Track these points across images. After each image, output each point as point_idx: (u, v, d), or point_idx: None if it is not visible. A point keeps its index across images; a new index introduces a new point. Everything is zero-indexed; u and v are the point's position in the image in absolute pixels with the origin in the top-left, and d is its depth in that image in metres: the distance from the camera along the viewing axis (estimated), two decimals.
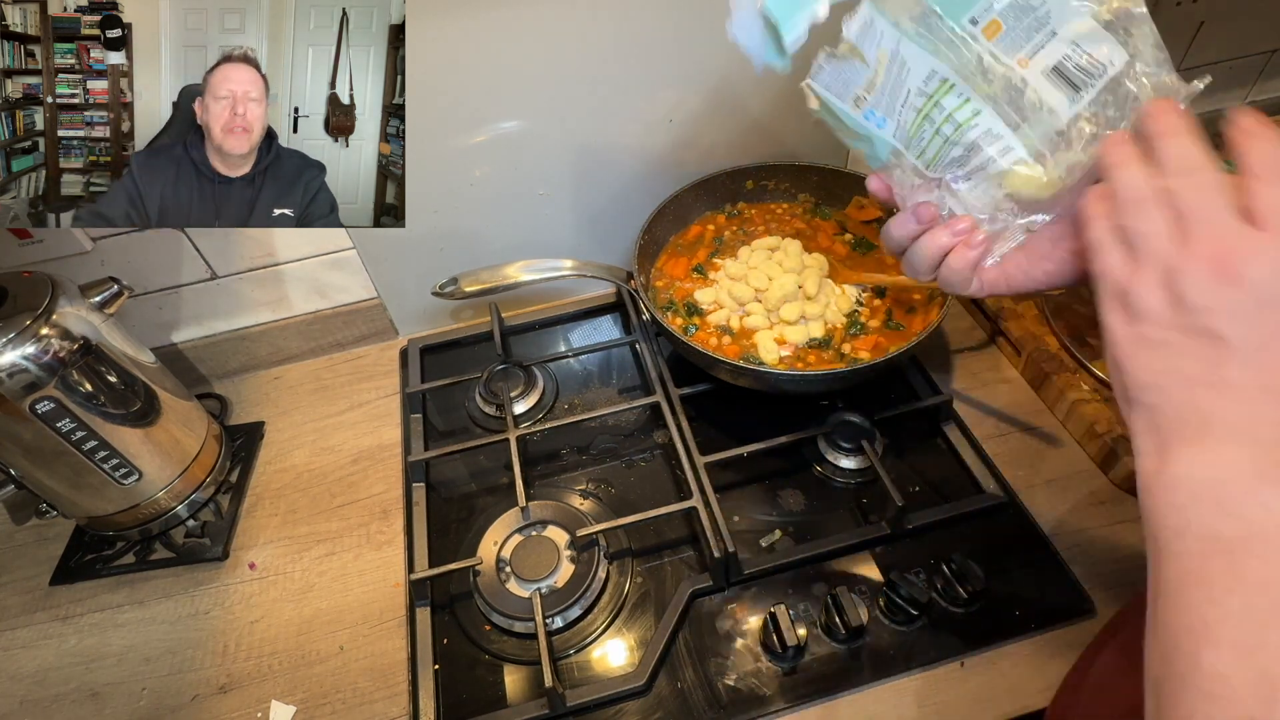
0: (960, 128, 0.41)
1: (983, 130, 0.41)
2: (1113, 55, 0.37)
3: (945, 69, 0.40)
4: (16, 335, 0.57)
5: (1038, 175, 0.40)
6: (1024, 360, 0.78)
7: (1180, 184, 0.33)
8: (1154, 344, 0.32)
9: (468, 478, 0.76)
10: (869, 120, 0.44)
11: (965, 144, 0.41)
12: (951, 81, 0.40)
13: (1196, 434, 0.31)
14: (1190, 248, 0.31)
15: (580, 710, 0.57)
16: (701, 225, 0.87)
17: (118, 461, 0.65)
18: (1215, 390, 0.31)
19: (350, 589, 0.67)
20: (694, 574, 0.65)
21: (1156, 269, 0.32)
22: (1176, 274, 0.31)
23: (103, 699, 0.61)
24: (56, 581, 0.69)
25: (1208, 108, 1.03)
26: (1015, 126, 0.40)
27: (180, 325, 0.83)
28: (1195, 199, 0.32)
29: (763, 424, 0.72)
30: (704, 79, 0.77)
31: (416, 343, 0.88)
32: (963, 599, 0.59)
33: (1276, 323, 0.30)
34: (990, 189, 0.42)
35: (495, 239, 0.84)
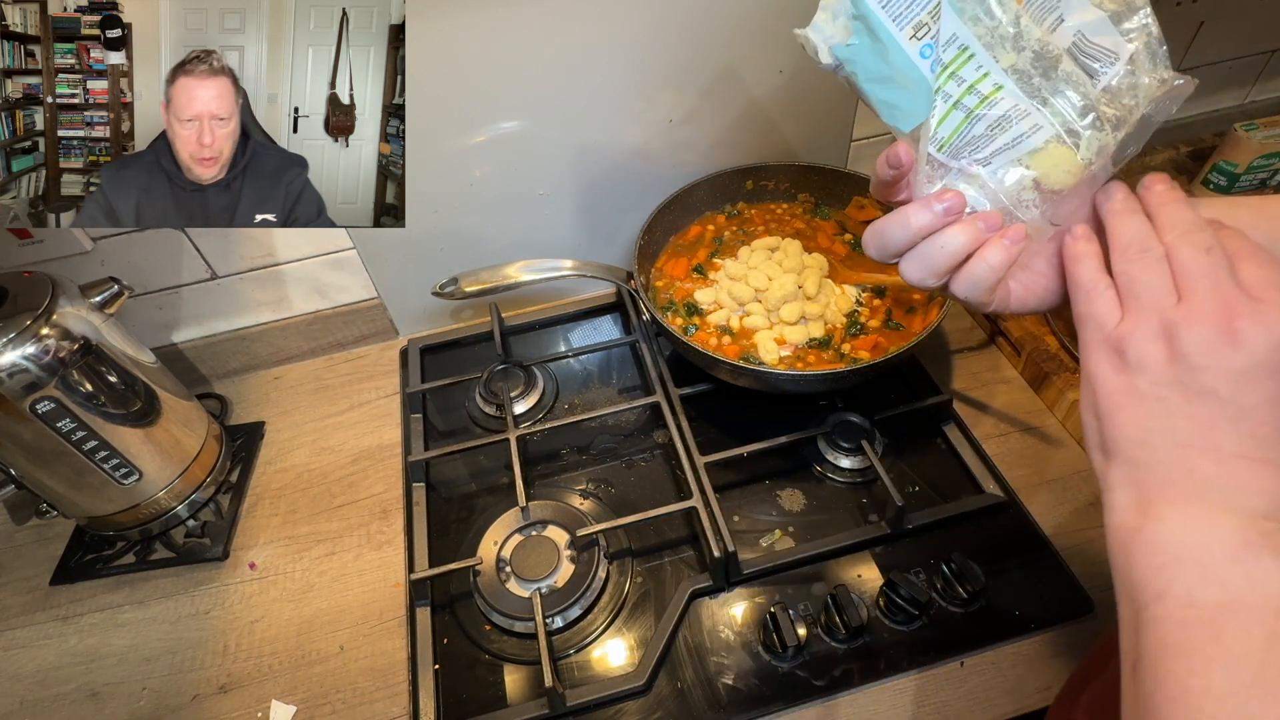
0: (985, 100, 0.37)
1: (1011, 104, 0.37)
2: (1119, 47, 0.36)
3: (968, 34, 0.36)
4: (17, 335, 0.57)
5: (1071, 155, 0.37)
6: (1024, 360, 0.78)
7: (1181, 241, 0.33)
8: (1146, 398, 0.32)
9: (468, 478, 0.76)
10: (925, 58, 0.37)
11: (991, 119, 0.37)
12: (972, 51, 0.36)
13: (1183, 496, 0.31)
14: (1192, 304, 0.31)
15: (580, 710, 0.57)
16: (701, 225, 0.87)
17: (118, 461, 0.65)
18: (1205, 454, 0.31)
19: (350, 589, 0.67)
20: (694, 574, 0.65)
21: (1154, 320, 0.32)
22: (1177, 328, 0.31)
23: (103, 699, 0.61)
24: (57, 581, 0.69)
25: (1207, 108, 1.04)
26: (1042, 103, 0.37)
27: (180, 325, 0.83)
28: (1196, 258, 0.32)
29: (763, 424, 0.72)
30: (704, 79, 0.77)
31: (416, 343, 0.88)
32: (963, 599, 0.59)
33: (1270, 391, 0.30)
34: (1014, 173, 0.38)
35: (495, 239, 0.84)
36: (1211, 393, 0.30)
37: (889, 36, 0.37)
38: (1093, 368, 0.34)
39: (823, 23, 0.38)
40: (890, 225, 0.39)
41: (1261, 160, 0.89)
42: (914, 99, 0.38)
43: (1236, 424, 0.30)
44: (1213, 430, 0.30)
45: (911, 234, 0.39)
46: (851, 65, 0.38)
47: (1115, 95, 0.37)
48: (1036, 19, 0.37)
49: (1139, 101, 0.36)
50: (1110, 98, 0.37)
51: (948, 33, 0.36)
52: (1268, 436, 0.30)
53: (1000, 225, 0.38)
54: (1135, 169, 0.99)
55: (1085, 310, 0.35)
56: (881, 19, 0.36)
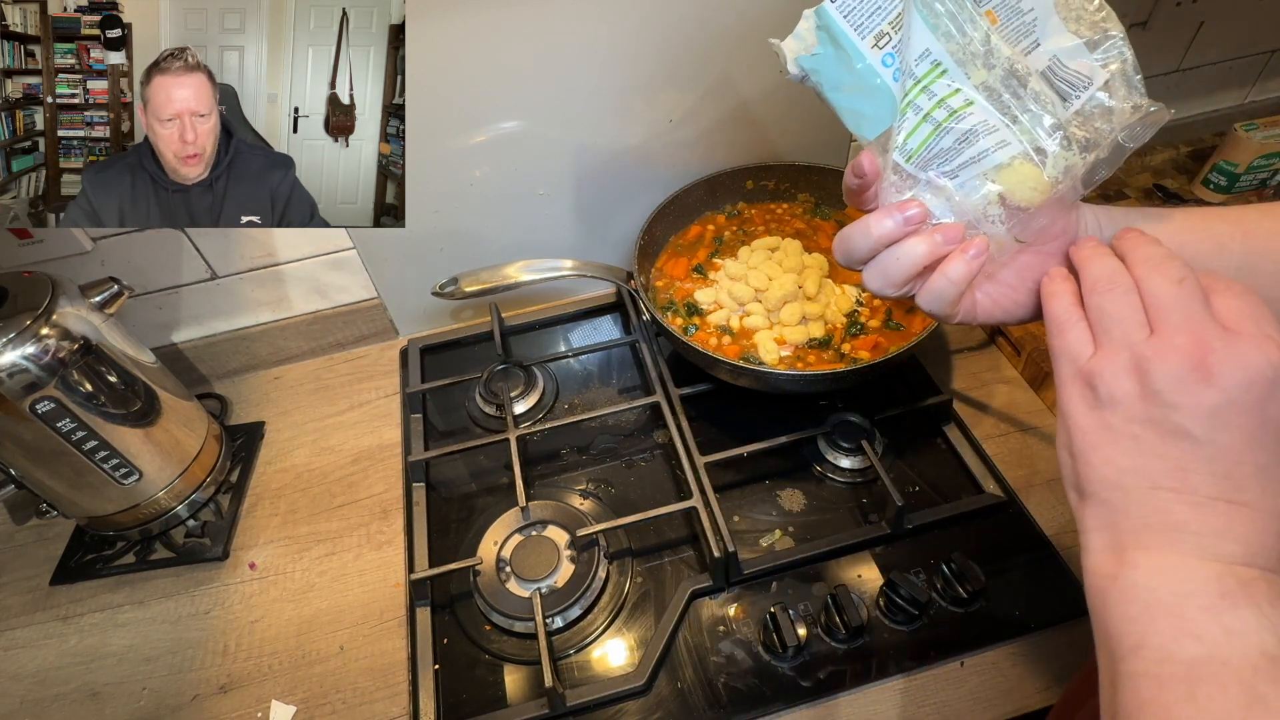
0: (955, 114, 0.37)
1: (979, 119, 0.37)
2: (1093, 72, 0.37)
3: (940, 50, 0.37)
4: (17, 335, 0.57)
5: (1038, 173, 0.37)
6: (1024, 360, 0.78)
7: (1152, 272, 0.32)
8: (1120, 436, 0.31)
9: (468, 478, 0.76)
10: (887, 67, 0.37)
11: (959, 132, 0.37)
12: (944, 66, 0.37)
13: (1158, 542, 0.30)
14: (1164, 338, 0.30)
15: (580, 710, 0.57)
16: (701, 225, 0.87)
17: (118, 461, 0.65)
18: (1179, 496, 0.29)
19: (350, 589, 0.67)
20: (694, 574, 0.65)
21: (1125, 354, 0.31)
22: (1148, 363, 0.30)
23: (103, 699, 0.61)
24: (57, 581, 0.69)
25: (1207, 108, 1.04)
26: (1012, 120, 0.38)
27: (180, 325, 0.83)
28: (1167, 289, 0.31)
29: (763, 424, 0.72)
30: (704, 79, 0.77)
31: (416, 343, 0.88)
32: (963, 599, 0.59)
33: (1246, 429, 0.28)
34: (980, 187, 0.38)
35: (495, 239, 0.84)
36: (1185, 432, 0.29)
37: (851, 45, 0.37)
38: (1066, 403, 0.33)
39: (804, 31, 0.39)
40: (853, 232, 0.40)
41: (1261, 160, 0.89)
42: (877, 106, 0.38)
43: (1211, 464, 0.29)
44: (1187, 471, 0.29)
45: (873, 242, 0.39)
46: (816, 75, 0.39)
47: (1087, 119, 0.37)
48: (1011, 41, 0.37)
49: (1112, 126, 0.37)
50: (1082, 120, 0.37)
51: (920, 47, 0.37)
52: (1244, 478, 0.29)
53: (959, 238, 0.38)
54: (1135, 168, 0.99)
55: (1058, 344, 0.34)
56: (844, 28, 0.37)
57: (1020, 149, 0.37)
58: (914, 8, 0.36)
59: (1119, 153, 0.37)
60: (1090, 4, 0.37)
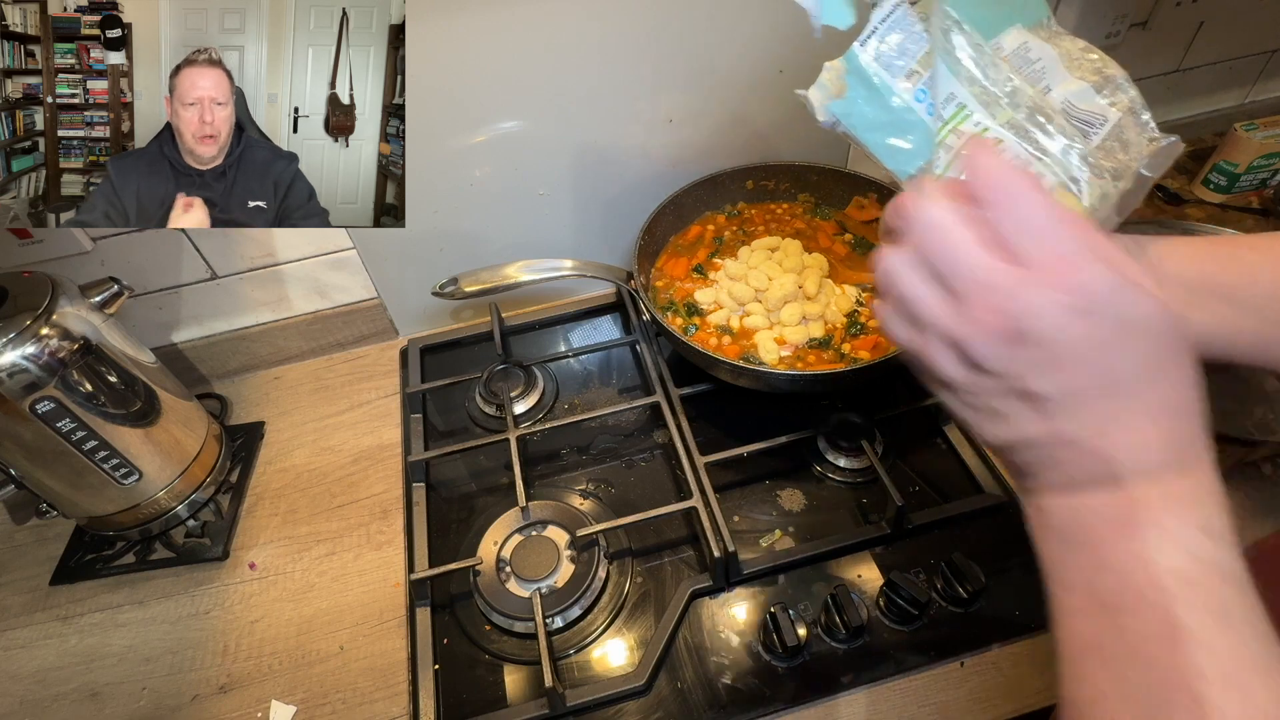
0: None
1: (1010, 156, 0.37)
2: (1105, 111, 0.38)
3: (965, 93, 0.38)
4: (17, 335, 0.57)
5: (1076, 201, 0.37)
6: None
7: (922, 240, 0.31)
8: (981, 411, 0.31)
9: (468, 478, 0.76)
10: (920, 101, 0.38)
11: None
12: (970, 109, 0.38)
13: (1057, 487, 0.31)
14: (964, 311, 0.29)
15: (580, 710, 0.57)
16: (701, 225, 0.87)
17: (118, 461, 0.65)
18: (1058, 444, 0.30)
19: (350, 589, 0.67)
20: (694, 574, 0.65)
21: (941, 340, 0.31)
22: (964, 344, 0.30)
23: (103, 699, 0.61)
24: (56, 581, 0.69)
25: (1208, 108, 1.04)
26: (1043, 153, 0.38)
27: (180, 325, 0.83)
28: (943, 251, 0.30)
29: (763, 424, 0.72)
30: (704, 79, 0.77)
31: (416, 343, 0.88)
32: (963, 599, 0.59)
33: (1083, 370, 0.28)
34: None
35: (495, 239, 0.84)
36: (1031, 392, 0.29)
37: (884, 84, 0.38)
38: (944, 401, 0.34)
39: (827, 81, 0.39)
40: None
41: (1261, 160, 0.89)
42: (916, 139, 0.39)
43: (1069, 410, 0.29)
44: (1052, 420, 0.29)
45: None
46: (849, 119, 0.39)
47: (1109, 151, 0.38)
48: (1028, 83, 0.38)
49: (1132, 156, 0.37)
50: (1105, 153, 0.38)
51: (945, 91, 0.37)
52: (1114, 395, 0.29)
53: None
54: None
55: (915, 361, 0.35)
56: (875, 70, 0.38)
57: (1055, 180, 0.37)
58: (938, 56, 0.37)
59: (1142, 183, 0.38)
60: (1090, 55, 0.38)
